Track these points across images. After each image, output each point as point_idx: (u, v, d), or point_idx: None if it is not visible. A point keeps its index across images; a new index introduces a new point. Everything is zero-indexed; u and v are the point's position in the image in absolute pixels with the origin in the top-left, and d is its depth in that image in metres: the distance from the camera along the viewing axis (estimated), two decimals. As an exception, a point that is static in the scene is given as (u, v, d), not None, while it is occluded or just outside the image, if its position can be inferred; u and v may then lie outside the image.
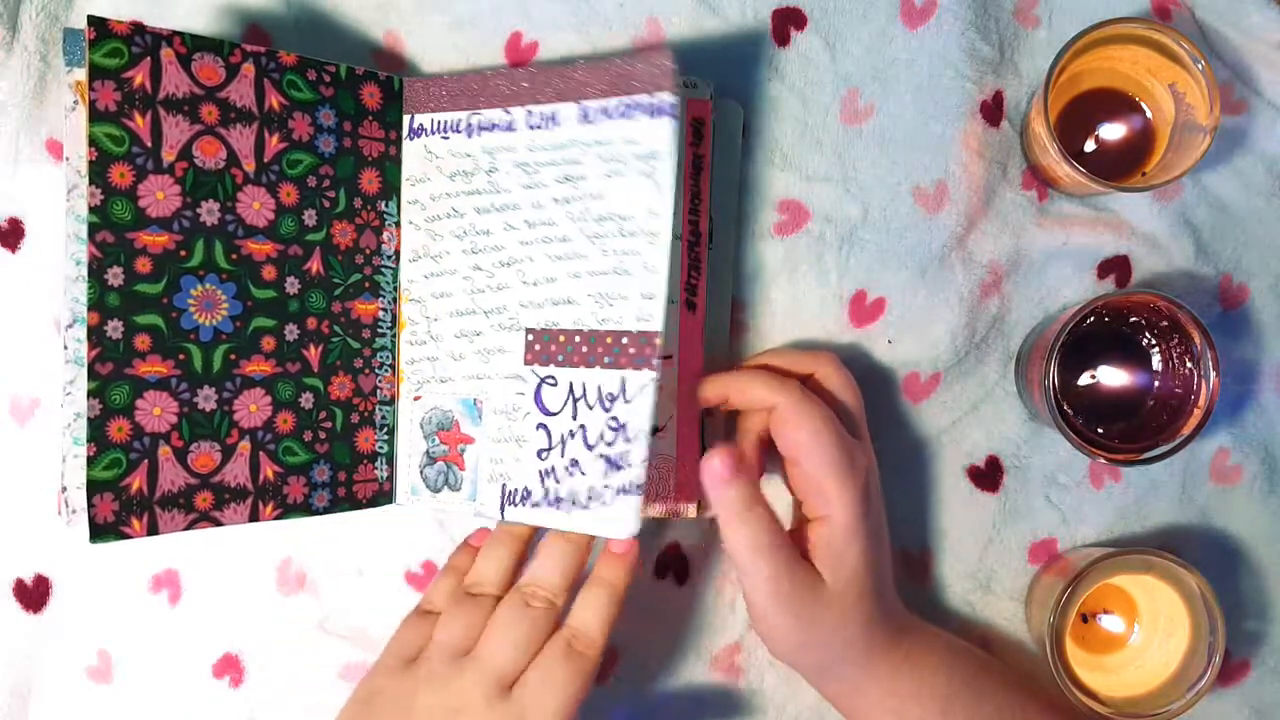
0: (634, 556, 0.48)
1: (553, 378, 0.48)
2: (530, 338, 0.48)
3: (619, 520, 0.46)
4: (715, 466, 0.47)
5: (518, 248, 0.49)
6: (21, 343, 0.53)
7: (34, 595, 0.54)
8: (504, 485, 0.48)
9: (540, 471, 0.47)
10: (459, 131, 0.50)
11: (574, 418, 0.47)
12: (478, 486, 0.50)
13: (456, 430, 0.50)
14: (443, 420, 0.51)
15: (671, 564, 0.55)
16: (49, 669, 0.54)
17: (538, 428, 0.48)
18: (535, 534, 0.49)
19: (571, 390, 0.47)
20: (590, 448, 0.46)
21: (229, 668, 0.55)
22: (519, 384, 0.48)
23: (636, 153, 0.45)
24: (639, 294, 0.45)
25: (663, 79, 0.45)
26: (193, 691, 0.54)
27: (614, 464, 0.46)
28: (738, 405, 0.49)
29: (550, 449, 0.47)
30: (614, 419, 0.46)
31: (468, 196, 0.50)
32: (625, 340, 0.46)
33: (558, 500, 0.47)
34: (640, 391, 0.45)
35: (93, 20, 0.44)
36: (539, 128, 0.48)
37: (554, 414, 0.47)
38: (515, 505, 0.48)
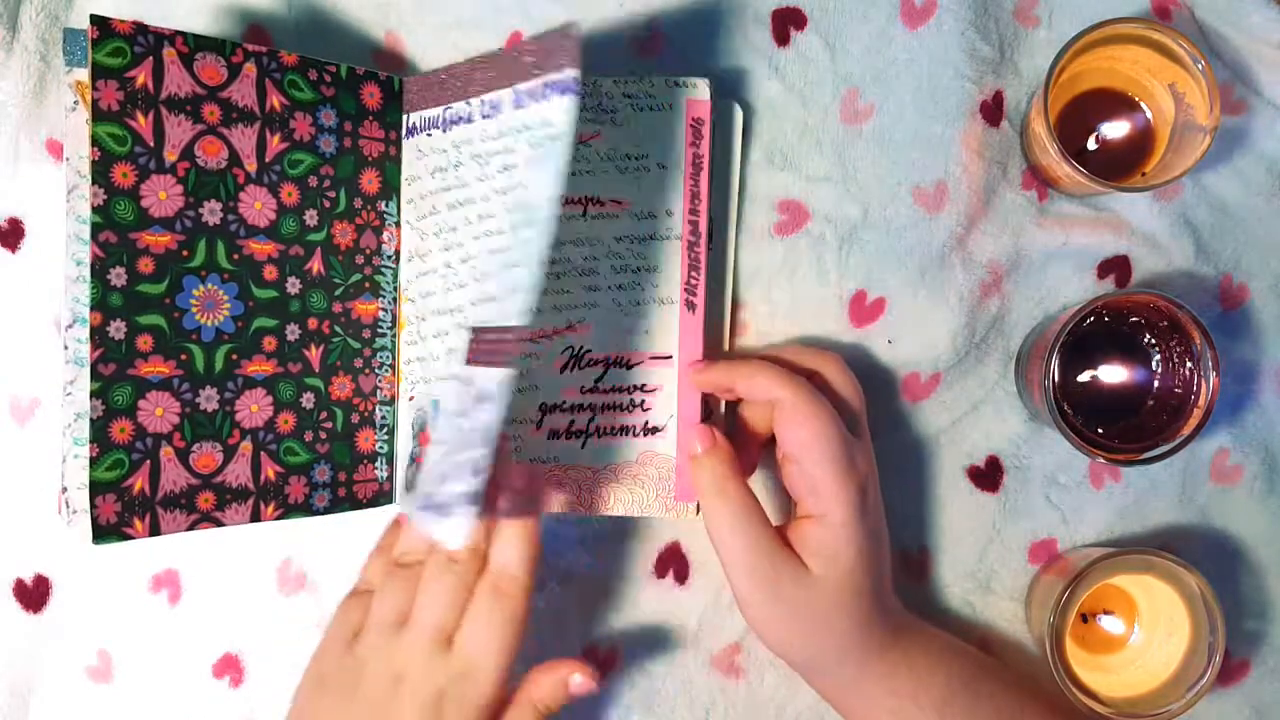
0: (541, 488, 0.48)
1: (474, 379, 0.47)
2: (471, 337, 0.48)
3: (454, 530, 0.44)
4: (691, 442, 0.49)
5: (472, 243, 0.48)
6: (21, 343, 0.53)
7: (34, 595, 0.54)
8: (430, 490, 0.48)
9: (440, 474, 0.47)
10: (437, 127, 0.50)
11: (469, 421, 0.46)
12: (423, 488, 0.49)
13: (428, 431, 0.50)
14: (422, 421, 0.51)
15: (671, 564, 0.55)
16: (49, 669, 0.54)
17: (455, 431, 0.47)
18: None
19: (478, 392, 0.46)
20: (463, 452, 0.45)
21: (229, 668, 0.55)
22: (458, 385, 0.48)
23: (549, 134, 0.44)
24: (520, 287, 0.44)
25: (568, 54, 0.43)
26: (193, 691, 0.54)
27: (469, 471, 0.44)
28: (742, 394, 0.49)
29: (453, 453, 0.47)
30: (477, 423, 0.45)
31: (443, 193, 0.50)
32: (506, 337, 0.45)
33: (434, 506, 0.46)
34: (494, 393, 0.44)
35: (95, 19, 0.44)
36: (489, 117, 0.48)
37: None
38: (423, 510, 0.47)
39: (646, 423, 0.51)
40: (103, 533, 0.45)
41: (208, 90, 0.47)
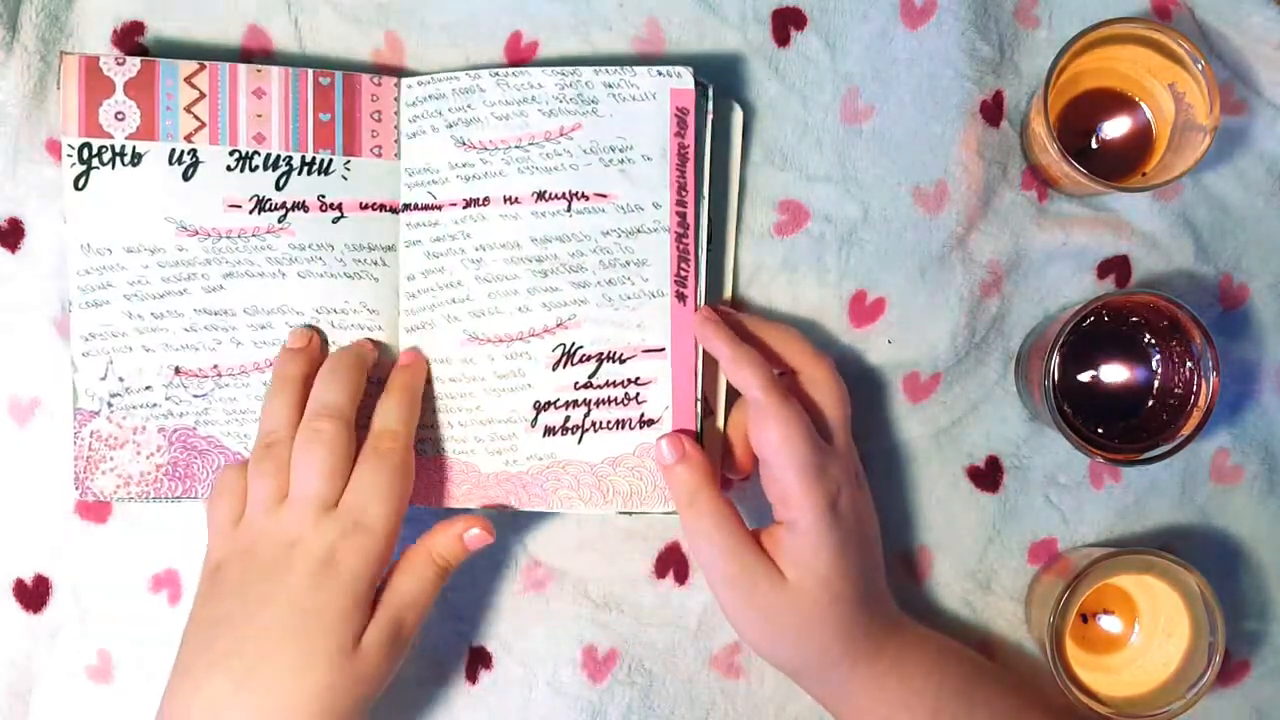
0: (422, 362, 0.51)
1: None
2: None
3: None
4: (663, 450, 0.49)
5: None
6: (21, 343, 0.53)
7: (34, 595, 0.54)
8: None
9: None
10: None
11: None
12: None
13: None
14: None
15: (671, 564, 0.55)
16: (49, 669, 0.54)
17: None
18: (309, 375, 0.50)
19: None
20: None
21: (229, 668, 0.55)
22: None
23: None
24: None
25: None
26: (193, 691, 0.54)
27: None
28: (725, 372, 0.50)
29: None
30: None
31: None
32: None
33: None
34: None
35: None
36: None
37: None
38: None
39: (642, 415, 0.51)
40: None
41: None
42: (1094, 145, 0.53)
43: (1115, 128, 0.53)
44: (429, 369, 0.52)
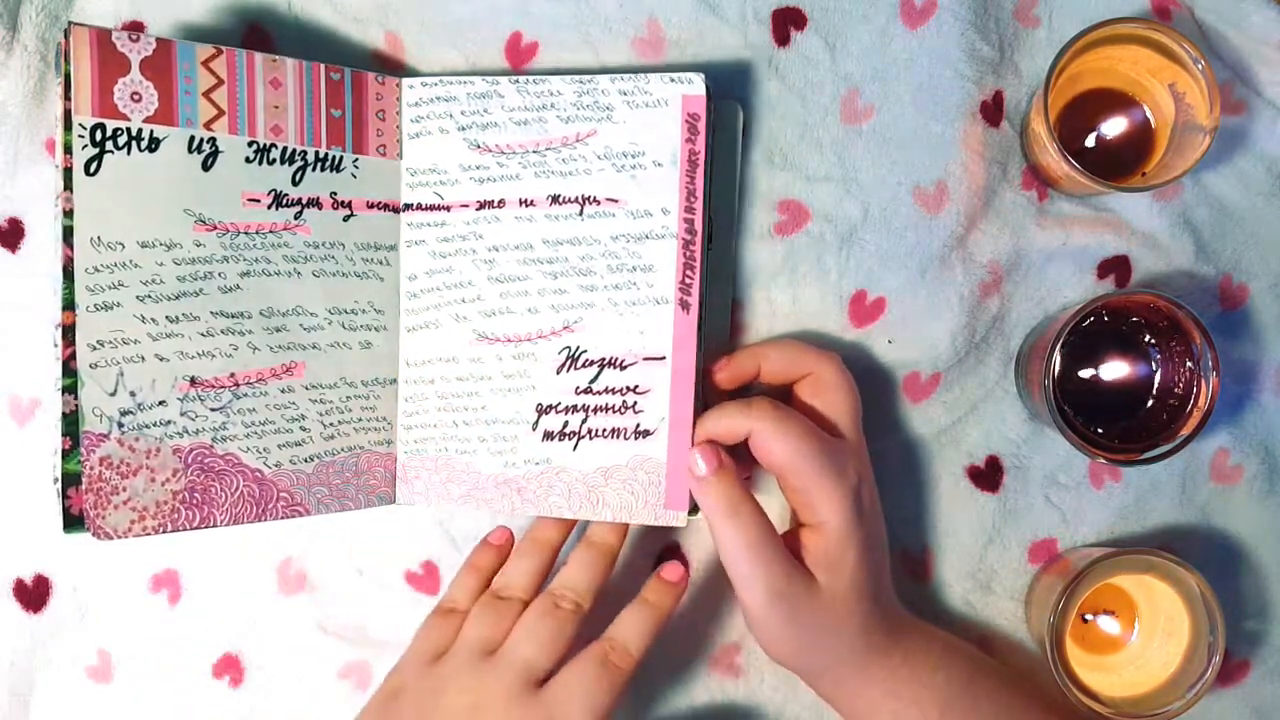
0: (684, 583, 0.49)
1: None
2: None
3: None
4: (697, 464, 0.48)
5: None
6: (21, 343, 0.53)
7: (34, 595, 0.54)
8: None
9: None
10: None
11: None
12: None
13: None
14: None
15: (671, 564, 0.55)
16: (49, 669, 0.54)
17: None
18: (563, 544, 0.51)
19: None
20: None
21: (229, 668, 0.55)
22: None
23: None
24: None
25: None
26: (193, 691, 0.54)
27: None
28: (725, 444, 0.49)
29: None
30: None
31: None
32: None
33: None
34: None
35: (69, 32, 0.44)
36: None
37: None
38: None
39: (638, 425, 0.51)
40: (73, 522, 0.45)
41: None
42: (1093, 145, 0.53)
43: (1115, 128, 0.53)
44: (439, 370, 0.52)
